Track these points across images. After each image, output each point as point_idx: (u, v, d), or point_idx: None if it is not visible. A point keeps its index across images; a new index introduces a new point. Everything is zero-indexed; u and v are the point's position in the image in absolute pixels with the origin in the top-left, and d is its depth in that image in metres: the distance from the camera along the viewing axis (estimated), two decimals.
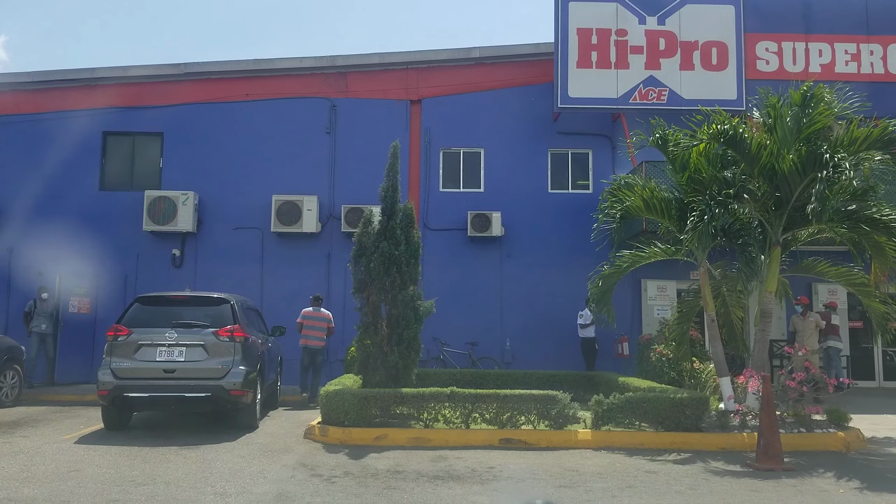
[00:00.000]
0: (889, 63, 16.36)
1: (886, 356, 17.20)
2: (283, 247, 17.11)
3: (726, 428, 9.44)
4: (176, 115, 17.66)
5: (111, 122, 17.73)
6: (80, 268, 16.38)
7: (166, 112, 17.71)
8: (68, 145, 17.31)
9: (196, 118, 17.57)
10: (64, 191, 17.10)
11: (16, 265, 16.63)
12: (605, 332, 15.08)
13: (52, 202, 17.01)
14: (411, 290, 10.18)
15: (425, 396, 9.32)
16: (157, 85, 17.93)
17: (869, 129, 9.34)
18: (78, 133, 17.36)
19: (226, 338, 9.84)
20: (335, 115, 17.69)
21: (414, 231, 10.59)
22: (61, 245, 16.38)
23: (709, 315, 10.86)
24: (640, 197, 10.85)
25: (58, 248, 16.36)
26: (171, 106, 17.75)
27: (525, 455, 8.61)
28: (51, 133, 17.34)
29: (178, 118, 17.62)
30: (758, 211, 10.10)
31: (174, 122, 17.61)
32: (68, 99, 17.70)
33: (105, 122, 17.69)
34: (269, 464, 8.05)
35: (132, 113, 17.73)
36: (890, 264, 10.16)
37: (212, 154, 17.37)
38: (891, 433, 10.18)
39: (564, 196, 17.51)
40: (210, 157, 17.36)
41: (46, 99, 17.71)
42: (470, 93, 17.83)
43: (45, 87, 17.79)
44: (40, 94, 17.74)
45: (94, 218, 16.88)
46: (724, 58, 16.64)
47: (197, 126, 17.53)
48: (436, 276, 17.01)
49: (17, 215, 16.95)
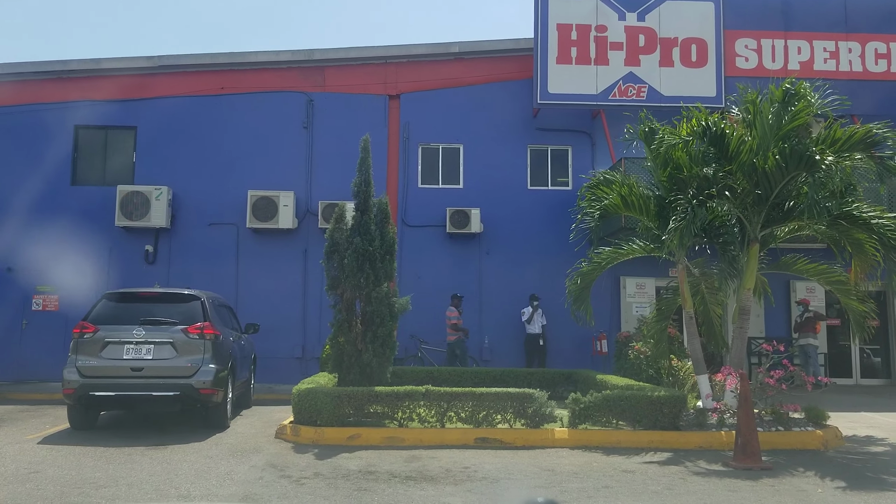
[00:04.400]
0: (867, 61, 16.38)
1: (864, 354, 17.24)
2: (259, 243, 16.85)
3: (704, 426, 9.34)
4: (150, 108, 17.32)
5: (83, 115, 17.36)
6: (50, 264, 16.04)
7: (140, 106, 17.36)
8: (39, 139, 16.95)
9: (170, 112, 17.24)
10: (35, 186, 16.71)
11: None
12: (583, 330, 14.97)
13: (23, 197, 16.62)
14: (386, 286, 9.98)
15: (399, 395, 9.14)
16: (130, 78, 17.55)
17: (853, 130, 9.26)
18: (49, 127, 16.99)
19: (195, 335, 9.61)
20: (312, 110, 17.44)
21: (389, 226, 10.40)
22: (32, 241, 16.06)
23: (687, 312, 10.77)
24: (618, 194, 10.72)
25: (28, 244, 16.04)
26: (145, 99, 17.41)
27: (501, 454, 8.46)
28: (22, 127, 16.95)
29: (152, 112, 17.28)
30: (737, 208, 10.02)
31: (148, 115, 17.27)
32: (40, 92, 17.31)
33: (77, 115, 17.31)
34: (237, 465, 7.84)
35: (105, 106, 17.37)
36: (869, 261, 10.11)
37: (186, 148, 17.05)
38: (869, 431, 10.14)
39: (544, 193, 17.38)
40: (184, 151, 17.04)
41: (17, 92, 17.30)
42: (449, 88, 17.65)
43: (16, 80, 17.37)
44: (11, 86, 17.31)
45: (66, 213, 16.54)
46: (704, 55, 16.58)
47: (171, 120, 17.19)
48: (413, 273, 16.85)
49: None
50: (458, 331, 15.66)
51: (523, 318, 15.98)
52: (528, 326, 15.92)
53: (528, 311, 15.97)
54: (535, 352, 15.88)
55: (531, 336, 15.86)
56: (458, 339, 15.65)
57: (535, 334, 15.81)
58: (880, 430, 10.24)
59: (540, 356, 15.85)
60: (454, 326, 15.64)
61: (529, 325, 15.88)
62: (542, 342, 15.78)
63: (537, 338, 15.80)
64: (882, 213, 9.54)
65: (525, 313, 16.00)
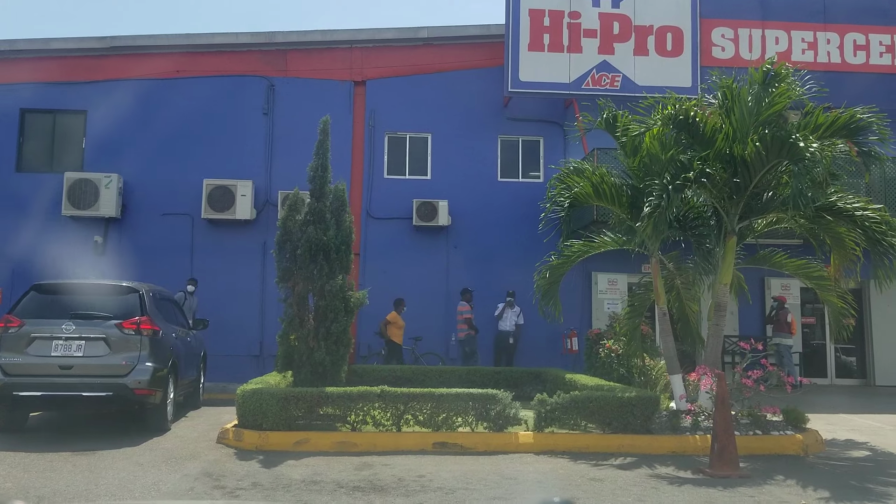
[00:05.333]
0: (845, 52, 15.96)
1: (837, 352, 16.88)
2: (215, 234, 16.04)
3: (677, 429, 8.78)
4: (100, 91, 16.39)
5: (30, 98, 16.44)
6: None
7: (90, 89, 16.45)
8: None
9: (122, 96, 16.30)
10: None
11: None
12: (553, 327, 14.39)
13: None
14: (341, 279, 9.29)
15: (352, 396, 8.46)
16: (80, 59, 16.66)
17: (836, 115, 8.76)
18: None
19: (131, 331, 8.85)
20: (273, 96, 16.66)
21: (346, 215, 9.72)
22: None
23: (660, 308, 10.22)
24: (589, 182, 10.13)
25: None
26: (96, 82, 16.50)
27: (460, 461, 7.82)
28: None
29: (103, 95, 16.34)
30: (714, 198, 9.47)
31: (98, 99, 16.33)
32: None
33: (23, 98, 16.38)
34: (168, 473, 7.12)
35: (53, 89, 16.47)
36: (849, 256, 9.64)
37: (139, 134, 16.17)
38: (849, 434, 9.66)
39: (514, 185, 16.77)
40: (137, 137, 16.17)
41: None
42: (417, 75, 16.96)
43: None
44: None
45: (10, 201, 15.65)
46: (680, 44, 16.07)
47: (123, 104, 16.24)
48: (378, 267, 16.19)
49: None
50: (471, 327, 15.08)
51: (494, 314, 15.31)
52: (499, 323, 15.27)
53: (500, 306, 15.34)
54: (503, 350, 15.27)
55: (501, 333, 15.25)
56: (468, 335, 15.06)
57: (506, 332, 15.19)
58: (860, 434, 9.76)
59: (508, 354, 15.25)
60: (467, 322, 15.07)
61: (501, 322, 15.24)
62: (511, 340, 15.18)
63: (507, 335, 15.19)
64: (867, 205, 9.05)
65: (497, 308, 15.34)
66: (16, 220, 15.48)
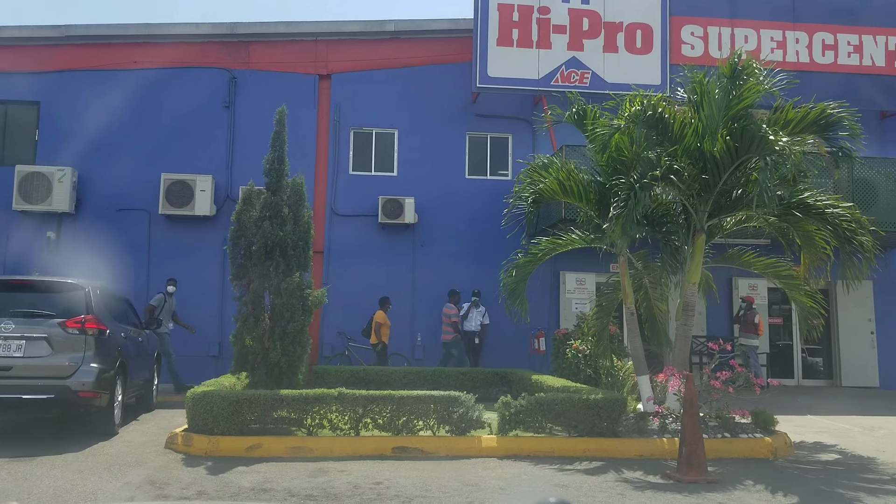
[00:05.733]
0: (814, 51, 15.92)
1: (804, 353, 16.84)
2: (173, 231, 15.54)
3: (644, 432, 8.54)
4: (54, 82, 15.81)
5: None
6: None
7: (44, 79, 15.84)
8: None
9: (77, 87, 15.75)
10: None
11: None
12: (521, 327, 14.13)
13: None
14: (298, 276, 8.90)
15: (308, 399, 8.09)
16: (33, 49, 16.03)
17: (805, 110, 8.61)
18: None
19: (75, 330, 8.38)
20: (235, 88, 16.19)
21: (304, 210, 9.34)
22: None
23: (628, 308, 9.99)
24: (555, 178, 9.88)
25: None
26: (50, 72, 15.90)
27: (420, 466, 7.50)
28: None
29: (57, 86, 15.77)
30: (683, 195, 9.26)
31: (52, 90, 15.75)
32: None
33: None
34: (109, 481, 6.70)
35: (5, 79, 15.79)
36: (819, 255, 9.49)
37: (94, 127, 15.53)
38: (818, 437, 9.50)
39: (483, 182, 16.47)
40: (92, 130, 15.52)
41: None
42: (384, 69, 16.58)
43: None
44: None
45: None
46: (649, 41, 15.90)
47: (78, 95, 15.70)
48: (343, 266, 15.81)
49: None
50: (458, 330, 14.75)
51: (460, 314, 15.03)
52: (464, 323, 14.99)
53: (465, 306, 15.05)
54: (469, 350, 14.97)
55: (467, 334, 14.95)
56: (454, 338, 14.71)
57: (471, 332, 14.91)
58: (829, 436, 9.62)
59: (474, 355, 14.95)
60: (454, 325, 14.72)
61: (466, 322, 14.96)
62: (477, 340, 14.89)
63: (472, 336, 14.90)
64: (837, 202, 8.90)
65: (462, 308, 15.05)
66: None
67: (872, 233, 9.07)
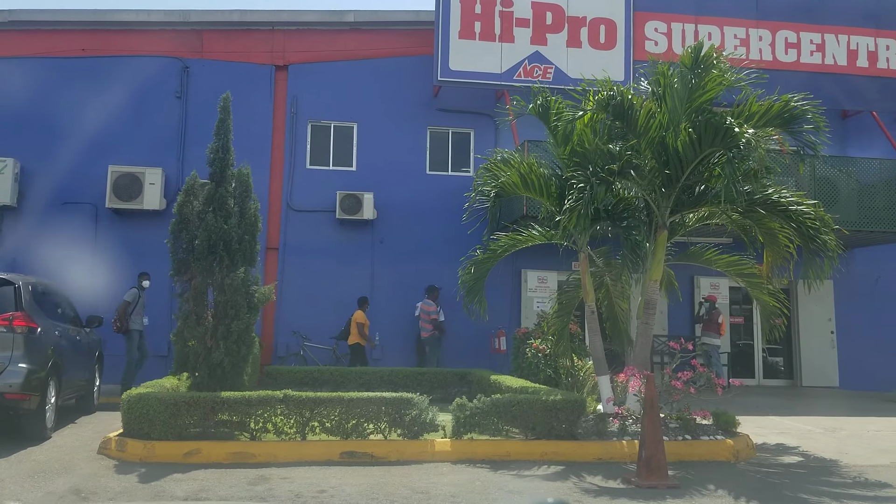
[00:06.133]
0: (777, 49, 15.85)
1: (765, 353, 16.78)
2: (121, 226, 14.91)
3: (604, 434, 8.25)
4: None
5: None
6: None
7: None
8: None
9: (21, 74, 14.98)
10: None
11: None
12: (482, 326, 13.81)
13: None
14: (243, 271, 8.44)
15: (251, 401, 7.65)
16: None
17: (769, 103, 8.39)
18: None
19: (2, 328, 7.85)
20: (187, 78, 15.61)
21: (251, 202, 8.88)
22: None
23: (589, 306, 9.71)
24: (517, 172, 9.56)
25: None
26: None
27: (369, 472, 7.11)
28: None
29: (0, 74, 15.04)
30: (644, 190, 9.00)
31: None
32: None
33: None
34: (30, 490, 6.21)
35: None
36: (782, 253, 9.30)
37: (38, 117, 14.88)
38: (780, 438, 9.30)
39: (444, 178, 16.11)
40: (36, 120, 14.87)
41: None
42: (343, 61, 16.13)
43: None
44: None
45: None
46: (613, 36, 15.69)
47: (22, 84, 14.92)
48: (299, 262, 15.32)
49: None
50: (437, 328, 14.35)
51: (416, 314, 14.68)
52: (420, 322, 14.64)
53: (419, 305, 14.68)
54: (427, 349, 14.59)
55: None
56: (432, 335, 14.32)
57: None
58: (791, 437, 9.43)
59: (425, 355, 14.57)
60: (433, 322, 14.33)
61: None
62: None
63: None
64: (801, 199, 8.70)
65: (417, 308, 14.70)
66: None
67: (836, 232, 8.91)
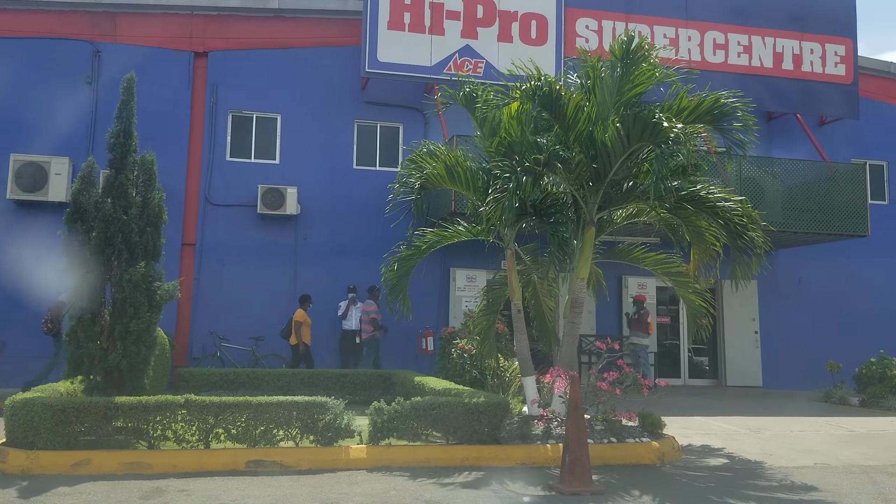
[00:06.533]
0: (706, 50, 15.93)
1: (690, 353, 16.86)
2: (24, 218, 13.93)
3: (528, 438, 7.93)
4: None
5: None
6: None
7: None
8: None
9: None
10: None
11: None
12: (410, 326, 13.38)
13: None
14: (143, 266, 7.79)
15: (149, 407, 7.03)
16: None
17: (699, 99, 8.22)
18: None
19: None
20: (99, 63, 14.73)
21: (155, 191, 8.23)
22: None
23: (515, 305, 9.40)
24: (443, 163, 9.18)
25: None
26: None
27: (277, 482, 6.60)
28: None
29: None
30: (572, 185, 8.74)
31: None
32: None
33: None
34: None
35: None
36: (709, 252, 9.17)
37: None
38: (705, 439, 9.17)
39: (371, 174, 15.61)
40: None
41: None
42: (267, 49, 15.50)
43: None
44: None
45: None
46: (544, 32, 15.50)
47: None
48: (217, 259, 14.63)
49: None
50: (378, 327, 13.84)
51: (338, 313, 14.16)
52: (343, 322, 14.13)
53: (343, 304, 14.17)
54: (350, 351, 14.11)
55: (347, 333, 14.10)
56: (372, 336, 13.79)
57: (351, 331, 14.06)
58: (716, 438, 9.31)
59: (356, 355, 14.10)
60: (373, 322, 13.80)
61: (345, 321, 14.10)
62: (358, 340, 14.04)
63: (353, 335, 14.05)
64: (729, 196, 8.57)
65: (340, 307, 14.18)
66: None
67: (762, 229, 8.82)
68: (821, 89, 16.43)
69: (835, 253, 16.37)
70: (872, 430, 10.26)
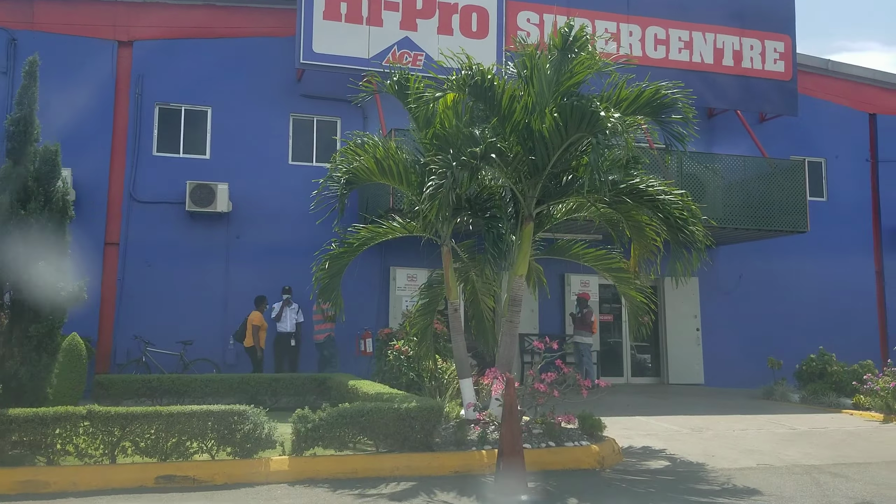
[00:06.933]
0: (647, 45, 15.79)
1: (633, 351, 16.74)
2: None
3: (463, 444, 7.55)
4: None
5: None
6: None
7: None
8: None
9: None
10: None
11: None
12: (349, 327, 12.93)
13: None
14: (43, 265, 7.15)
15: (47, 419, 6.42)
16: None
17: (639, 89, 7.96)
18: None
19: None
20: (15, 52, 13.85)
21: (58, 184, 7.59)
22: None
23: (452, 303, 9.03)
24: (371, 156, 8.73)
25: None
26: None
27: (189, 499, 6.09)
28: None
29: None
30: (509, 178, 8.39)
31: None
32: None
33: None
34: None
35: None
36: (650, 247, 8.92)
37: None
38: (646, 441, 8.91)
39: (308, 169, 14.94)
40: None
41: None
42: (196, 39, 14.81)
43: None
44: None
45: None
46: (485, 25, 15.16)
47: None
48: (143, 259, 13.88)
49: None
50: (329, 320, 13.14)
51: (272, 315, 13.56)
52: (277, 325, 13.54)
53: (276, 306, 13.59)
54: (285, 353, 13.53)
55: (282, 335, 13.50)
56: (328, 337, 13.30)
57: (286, 333, 13.48)
58: (657, 439, 9.07)
59: (291, 358, 13.53)
60: (326, 314, 13.05)
61: (280, 323, 13.52)
62: (293, 342, 13.48)
63: (288, 337, 13.48)
64: (669, 189, 8.33)
65: (274, 309, 13.59)
66: None
67: (703, 224, 8.61)
68: (760, 86, 16.46)
69: (775, 249, 16.42)
70: (814, 428, 10.17)
